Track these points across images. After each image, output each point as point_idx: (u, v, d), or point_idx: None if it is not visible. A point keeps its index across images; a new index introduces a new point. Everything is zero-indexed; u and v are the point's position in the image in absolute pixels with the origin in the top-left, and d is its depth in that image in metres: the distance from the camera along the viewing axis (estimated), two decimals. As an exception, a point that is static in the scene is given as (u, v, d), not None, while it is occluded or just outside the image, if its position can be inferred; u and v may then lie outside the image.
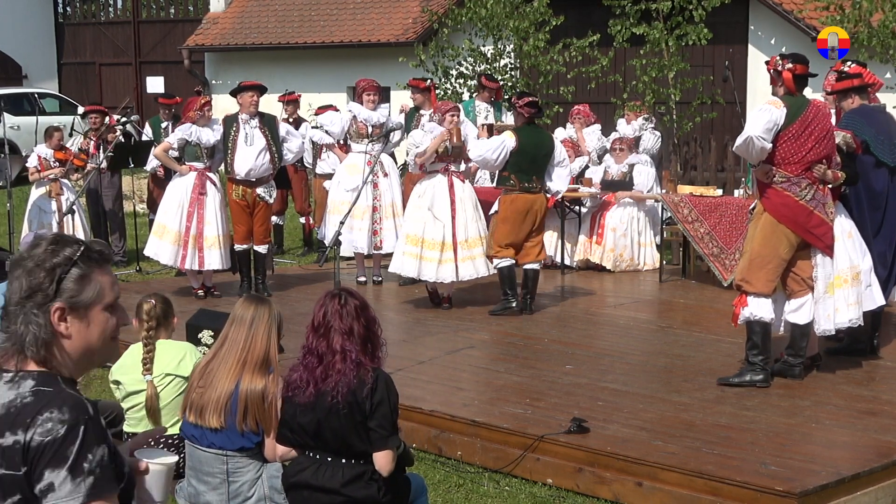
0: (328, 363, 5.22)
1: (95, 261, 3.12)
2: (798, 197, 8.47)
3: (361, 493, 5.22)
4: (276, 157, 12.14)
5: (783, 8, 19.59)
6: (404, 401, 6.19)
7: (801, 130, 8.44)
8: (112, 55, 31.87)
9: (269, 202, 12.22)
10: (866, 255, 8.86)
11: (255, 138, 11.99)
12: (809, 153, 8.43)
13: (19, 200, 15.66)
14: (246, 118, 12.05)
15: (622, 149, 14.12)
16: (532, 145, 11.17)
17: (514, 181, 11.17)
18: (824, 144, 8.46)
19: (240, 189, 12.11)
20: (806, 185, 8.45)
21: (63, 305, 3.07)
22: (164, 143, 12.67)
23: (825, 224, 8.52)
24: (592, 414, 7.67)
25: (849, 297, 8.59)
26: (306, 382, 5.25)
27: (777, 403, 8.21)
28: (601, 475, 7.04)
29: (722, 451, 7.02)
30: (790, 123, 8.43)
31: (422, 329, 10.75)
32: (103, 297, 3.13)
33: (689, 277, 13.56)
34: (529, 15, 17.87)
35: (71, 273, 3.08)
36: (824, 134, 8.47)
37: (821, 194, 8.50)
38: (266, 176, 12.12)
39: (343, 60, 23.85)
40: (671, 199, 12.99)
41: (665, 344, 10.20)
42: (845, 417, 7.76)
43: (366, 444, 5.25)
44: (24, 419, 2.95)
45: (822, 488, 6.46)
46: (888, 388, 8.49)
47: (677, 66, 17.42)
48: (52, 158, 14.71)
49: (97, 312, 3.13)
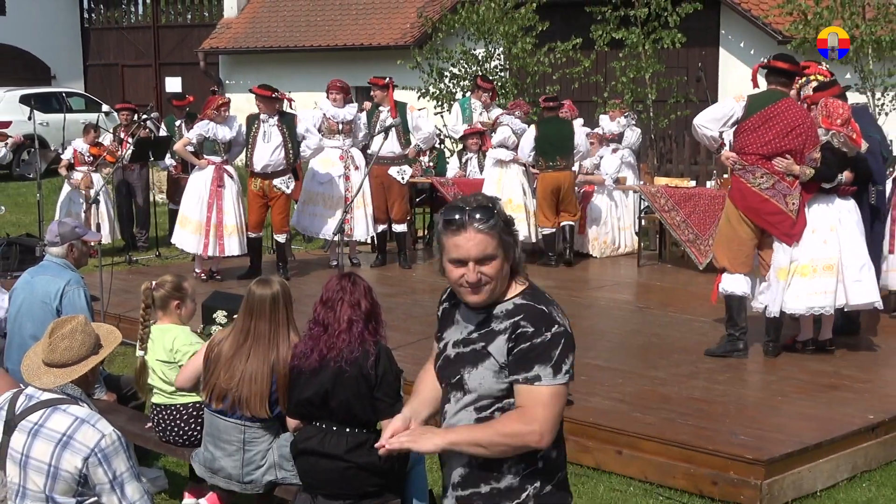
0: (333, 332, 5.21)
1: (443, 228, 3.53)
2: (752, 184, 8.47)
3: (364, 459, 5.21)
4: (290, 154, 12.09)
5: (751, 14, 19.57)
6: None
7: (759, 123, 8.43)
8: (134, 57, 31.82)
9: (286, 192, 12.19)
10: (853, 251, 8.50)
11: (273, 136, 11.99)
12: (766, 145, 8.42)
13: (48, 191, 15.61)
14: (266, 117, 12.04)
15: (593, 143, 14.08)
16: (552, 132, 12.87)
17: (541, 162, 12.90)
18: (789, 139, 8.36)
19: (258, 181, 12.12)
20: (761, 174, 8.43)
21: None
22: (183, 138, 12.66)
23: (782, 213, 8.45)
24: (576, 388, 7.61)
25: (811, 287, 8.40)
26: (311, 350, 5.24)
27: (746, 378, 8.21)
28: (584, 444, 7.02)
29: (695, 422, 7.01)
30: (748, 116, 8.46)
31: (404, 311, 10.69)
32: (447, 252, 3.52)
33: (665, 262, 13.55)
34: (518, 20, 17.87)
35: (437, 231, 3.60)
36: (789, 129, 8.36)
37: (783, 185, 8.43)
38: (281, 169, 12.09)
39: (346, 62, 23.78)
40: (648, 190, 12.97)
41: (643, 323, 10.18)
42: (809, 391, 7.75)
43: (369, 414, 5.24)
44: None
45: (787, 456, 6.45)
46: (848, 365, 8.47)
47: (653, 67, 17.43)
48: (87, 153, 14.70)
49: (445, 262, 3.55)
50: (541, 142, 12.83)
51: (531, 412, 3.47)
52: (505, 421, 3.52)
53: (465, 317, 3.67)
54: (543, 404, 3.48)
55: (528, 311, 3.61)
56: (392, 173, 12.74)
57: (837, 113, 8.24)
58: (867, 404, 7.40)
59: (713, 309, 10.27)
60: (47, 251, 7.05)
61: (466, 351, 3.62)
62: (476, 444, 3.50)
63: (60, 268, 6.94)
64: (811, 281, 8.41)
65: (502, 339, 3.55)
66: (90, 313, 6.79)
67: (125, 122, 15.53)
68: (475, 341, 3.61)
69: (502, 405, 3.56)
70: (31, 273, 7.04)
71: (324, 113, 12.94)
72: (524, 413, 3.48)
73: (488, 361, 3.55)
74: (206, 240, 12.07)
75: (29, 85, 27.76)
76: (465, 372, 3.60)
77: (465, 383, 3.60)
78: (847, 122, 8.25)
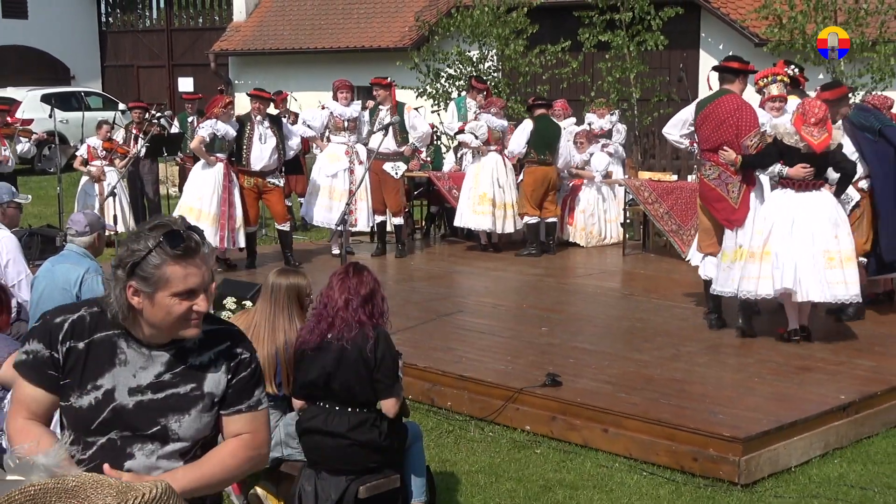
0: (332, 310, 5.21)
1: (170, 256, 3.00)
2: (705, 176, 8.97)
3: (365, 436, 5.20)
4: (282, 153, 12.25)
5: (730, 18, 19.59)
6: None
7: (702, 121, 8.83)
8: (148, 59, 31.75)
9: (278, 186, 12.26)
10: (814, 243, 8.19)
11: (268, 137, 12.05)
12: (706, 141, 8.78)
13: (68, 185, 15.59)
14: (259, 119, 12.08)
15: (583, 141, 14.06)
16: (544, 128, 13.03)
17: (533, 155, 13.04)
18: (721, 131, 8.66)
19: (251, 178, 12.13)
20: (710, 166, 8.87)
21: (134, 285, 3.02)
22: (197, 137, 12.61)
23: (724, 200, 8.70)
24: (565, 370, 7.63)
25: (753, 271, 8.29)
26: (313, 328, 5.27)
27: (725, 361, 8.18)
28: (572, 422, 7.01)
29: (677, 402, 6.99)
30: (696, 116, 8.89)
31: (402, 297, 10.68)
32: (170, 285, 3.01)
33: (649, 251, 13.52)
34: (510, 24, 17.87)
35: (147, 259, 3.00)
36: (720, 123, 8.66)
37: (727, 175, 8.69)
38: (273, 168, 12.18)
39: (349, 63, 23.72)
40: (633, 184, 12.95)
41: (628, 309, 10.16)
42: (784, 373, 7.72)
43: (369, 395, 5.24)
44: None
45: (763, 434, 6.43)
46: (821, 348, 8.44)
47: (637, 68, 17.42)
48: (100, 148, 14.78)
49: (163, 297, 3.01)
50: (535, 136, 12.95)
51: (259, 437, 3.21)
52: (232, 452, 3.17)
53: (136, 358, 3.12)
54: (265, 425, 3.25)
55: (232, 335, 3.26)
56: (386, 168, 12.73)
57: (812, 112, 8.20)
58: (839, 385, 7.39)
59: (694, 295, 10.27)
60: (70, 240, 7.03)
61: (160, 397, 3.11)
62: (208, 486, 3.12)
63: (80, 256, 6.93)
64: (751, 265, 8.32)
65: (216, 373, 3.17)
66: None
67: (137, 119, 15.62)
68: (175, 384, 3.13)
69: (206, 443, 3.21)
70: (52, 262, 7.02)
71: (331, 111, 12.97)
72: (253, 439, 3.20)
73: (202, 404, 3.15)
74: (221, 232, 12.05)
75: (50, 85, 27.76)
76: (169, 421, 3.10)
77: (170, 433, 3.10)
78: (821, 121, 8.20)
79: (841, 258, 8.22)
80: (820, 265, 8.14)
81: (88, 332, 3.11)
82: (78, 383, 3.09)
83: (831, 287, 8.16)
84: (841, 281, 8.17)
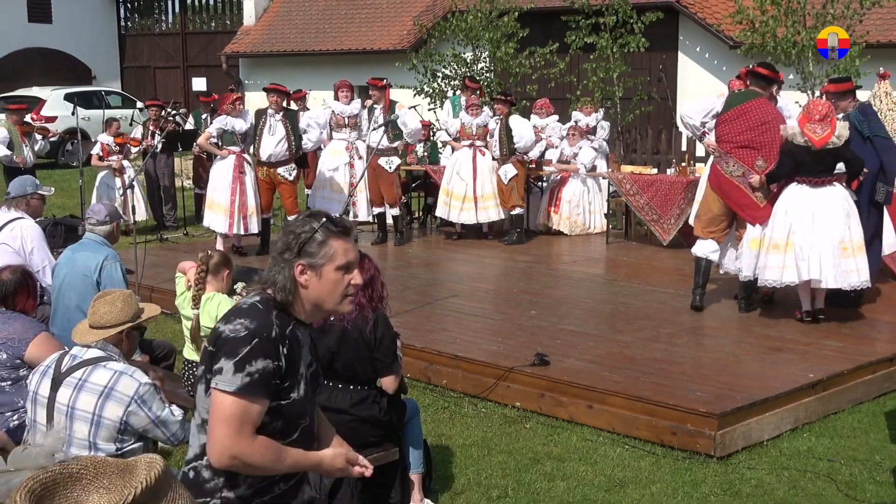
0: None
1: (333, 232, 3.15)
2: (725, 171, 8.65)
3: (366, 412, 5.19)
4: (293, 145, 12.11)
5: (706, 22, 19.58)
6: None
7: (735, 117, 8.64)
8: (164, 60, 31.67)
9: (290, 180, 12.16)
10: (831, 234, 8.19)
11: (277, 129, 12.01)
12: (740, 135, 8.60)
13: (89, 178, 15.54)
14: (272, 112, 12.08)
15: (574, 135, 14.03)
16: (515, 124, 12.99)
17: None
18: (758, 132, 8.53)
19: (265, 169, 12.18)
20: (733, 162, 8.58)
21: (303, 263, 3.13)
22: (205, 132, 12.65)
23: (748, 198, 8.59)
24: (552, 350, 7.62)
25: (777, 262, 8.31)
26: None
27: (702, 342, 8.18)
28: (559, 399, 7.00)
29: (657, 380, 6.98)
30: (726, 110, 8.68)
31: (401, 283, 10.66)
32: (335, 258, 3.15)
33: (631, 240, 13.50)
34: (501, 28, 17.82)
35: (314, 237, 3.13)
36: (759, 123, 8.53)
37: (751, 173, 8.57)
38: (285, 159, 12.07)
39: (351, 64, 23.67)
40: (616, 177, 12.94)
41: (611, 293, 10.14)
42: (757, 353, 7.72)
43: (370, 373, 5.22)
44: (229, 315, 3.10)
45: (737, 410, 6.43)
46: (792, 330, 8.44)
47: (620, 68, 17.37)
48: (112, 143, 14.72)
49: (330, 271, 3.15)
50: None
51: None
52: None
53: (305, 338, 3.26)
54: None
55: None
56: (381, 163, 12.69)
57: (816, 110, 8.16)
58: (808, 364, 7.38)
59: (673, 280, 10.27)
60: (90, 229, 6.98)
61: (314, 369, 3.32)
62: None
63: (98, 244, 6.89)
64: (776, 256, 8.32)
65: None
66: (125, 285, 6.73)
67: (154, 116, 15.68)
68: (313, 360, 3.33)
69: None
70: (73, 250, 6.98)
71: (332, 110, 12.98)
72: None
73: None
74: (230, 220, 12.07)
75: (72, 84, 27.68)
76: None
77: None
78: (824, 118, 8.13)
79: (853, 248, 8.27)
80: (836, 254, 8.19)
81: (281, 331, 3.11)
82: (292, 380, 3.16)
83: (846, 275, 8.23)
84: (854, 269, 8.25)
